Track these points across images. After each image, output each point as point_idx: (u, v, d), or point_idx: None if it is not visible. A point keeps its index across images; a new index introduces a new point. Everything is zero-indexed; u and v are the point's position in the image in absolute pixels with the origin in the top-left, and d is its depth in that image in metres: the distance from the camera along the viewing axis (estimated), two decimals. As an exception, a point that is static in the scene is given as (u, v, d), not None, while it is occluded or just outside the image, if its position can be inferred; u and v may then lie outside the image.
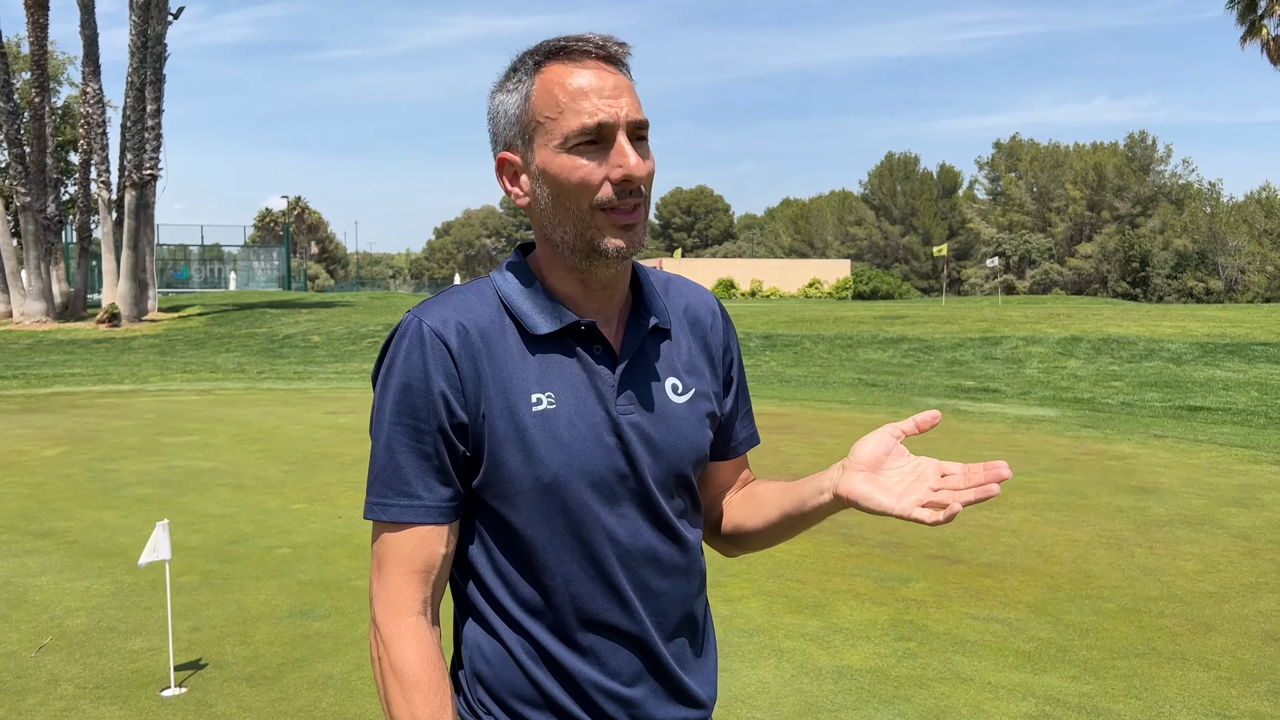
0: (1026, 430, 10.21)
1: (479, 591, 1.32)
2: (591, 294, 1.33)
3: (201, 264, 44.29)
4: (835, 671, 3.94)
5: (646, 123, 1.27)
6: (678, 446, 1.35)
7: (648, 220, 1.31)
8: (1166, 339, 17.84)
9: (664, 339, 1.38)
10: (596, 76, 1.24)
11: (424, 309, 1.30)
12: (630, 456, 1.30)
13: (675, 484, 1.36)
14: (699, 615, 1.42)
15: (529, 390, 1.27)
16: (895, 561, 5.45)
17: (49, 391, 14.26)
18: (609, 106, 1.23)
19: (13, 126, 25.95)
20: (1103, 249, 67.93)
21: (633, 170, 1.23)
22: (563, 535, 1.29)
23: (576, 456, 1.27)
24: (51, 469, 8.09)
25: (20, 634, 4.37)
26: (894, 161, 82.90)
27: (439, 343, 1.26)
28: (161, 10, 25.79)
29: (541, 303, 1.31)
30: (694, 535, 1.40)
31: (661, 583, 1.33)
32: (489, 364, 1.27)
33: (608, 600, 1.30)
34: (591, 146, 1.24)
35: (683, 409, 1.36)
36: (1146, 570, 5.28)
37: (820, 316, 24.94)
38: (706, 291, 1.49)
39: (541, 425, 1.26)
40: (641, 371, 1.35)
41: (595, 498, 1.29)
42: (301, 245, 75.25)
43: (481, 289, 1.33)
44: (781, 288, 54.40)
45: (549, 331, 1.30)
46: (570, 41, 1.27)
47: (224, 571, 5.27)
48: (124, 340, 22.50)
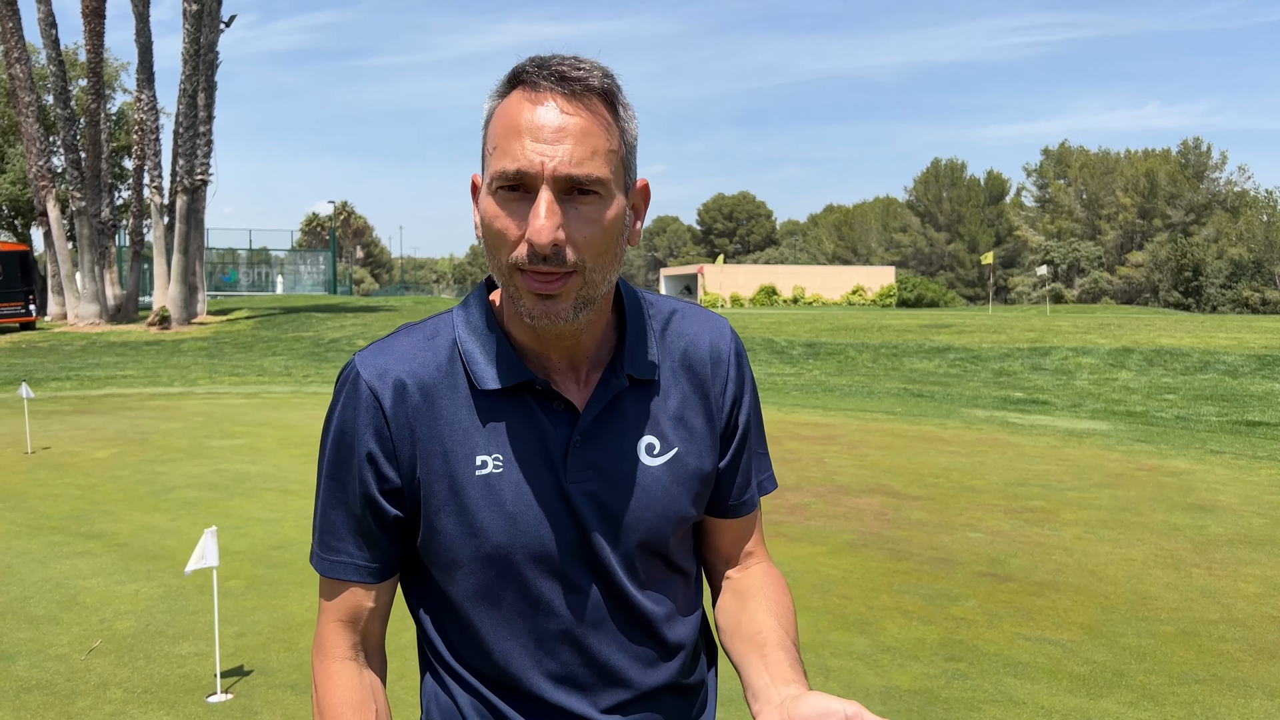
0: (1078, 444, 10.01)
1: (429, 648, 1.27)
2: (549, 344, 1.17)
3: (249, 267, 45.01)
4: (883, 692, 3.86)
5: (590, 179, 1.05)
6: (643, 516, 1.20)
7: (592, 290, 1.10)
8: (1222, 351, 17.42)
9: (648, 390, 1.22)
10: (543, 114, 1.05)
11: (366, 356, 1.18)
12: (581, 529, 1.17)
13: (641, 554, 1.21)
14: (685, 685, 1.28)
15: (474, 452, 1.15)
16: (944, 579, 5.34)
17: (101, 393, 14.55)
18: (537, 153, 1.04)
19: (69, 133, 26.58)
20: (1154, 257, 66.67)
21: (532, 236, 1.03)
22: (504, 610, 1.19)
23: (521, 527, 1.15)
24: (103, 470, 8.23)
25: (71, 636, 4.43)
26: (940, 168, 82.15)
27: (372, 399, 1.15)
28: (214, 19, 26.28)
29: (497, 352, 1.17)
30: (665, 606, 1.25)
31: (620, 659, 1.21)
32: (429, 423, 1.15)
33: (547, 677, 1.20)
34: (514, 195, 1.06)
35: (657, 472, 1.21)
36: (1206, 592, 5.12)
37: (864, 324, 24.72)
38: (719, 328, 1.29)
39: (484, 491, 1.15)
40: (609, 432, 1.19)
41: (541, 572, 1.17)
42: (347, 250, 76.18)
43: (438, 330, 1.21)
44: (824, 295, 54.08)
45: (501, 387, 1.16)
46: (534, 67, 1.08)
47: (269, 577, 5.30)
48: (174, 343, 22.91)
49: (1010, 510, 6.93)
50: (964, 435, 10.54)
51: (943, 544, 6.02)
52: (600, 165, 1.06)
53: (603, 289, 1.12)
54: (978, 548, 5.94)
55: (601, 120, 1.07)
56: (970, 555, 5.78)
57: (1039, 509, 6.98)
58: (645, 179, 1.18)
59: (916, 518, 6.62)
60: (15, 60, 25.86)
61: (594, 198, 1.07)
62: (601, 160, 1.06)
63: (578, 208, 1.06)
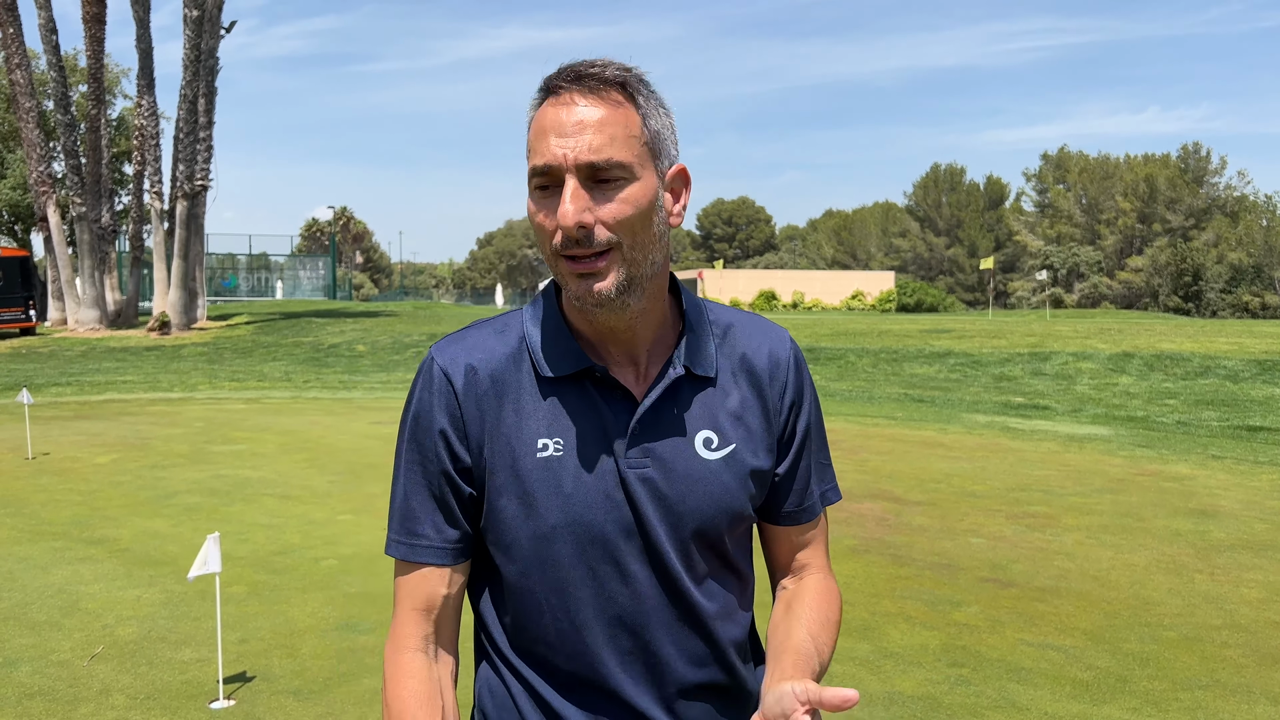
0: (1079, 449, 10.01)
1: (485, 635, 1.31)
2: (606, 334, 1.24)
3: (249, 273, 45.02)
4: (887, 698, 3.85)
5: (611, 163, 1.13)
6: (699, 506, 1.24)
7: (634, 269, 1.17)
8: (1223, 355, 17.42)
9: (707, 388, 1.27)
10: (565, 113, 1.14)
11: (440, 346, 1.28)
12: (638, 513, 1.22)
13: (697, 545, 1.25)
14: (730, 685, 1.31)
15: (536, 435, 1.22)
16: (946, 584, 5.34)
17: (102, 398, 14.54)
18: (558, 147, 1.13)
19: (70, 138, 26.60)
20: (1154, 262, 66.71)
21: (559, 220, 1.13)
22: (558, 591, 1.23)
23: (577, 509, 1.21)
24: (104, 476, 8.22)
25: (73, 642, 4.42)
26: (939, 173, 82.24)
27: (445, 382, 1.24)
28: (214, 24, 26.31)
29: (560, 343, 1.25)
30: (719, 602, 1.28)
31: (669, 649, 1.24)
32: (496, 407, 1.23)
33: (602, 662, 1.24)
34: (547, 189, 1.16)
35: (714, 466, 1.25)
36: (1208, 598, 5.12)
37: (864, 329, 24.72)
38: (779, 338, 1.34)
39: (544, 473, 1.21)
40: (667, 422, 1.24)
41: (596, 555, 1.22)
42: (347, 255, 76.20)
43: (507, 324, 1.29)
44: (824, 299, 54.08)
45: (563, 374, 1.23)
46: (559, 74, 1.18)
47: (271, 583, 5.30)
48: (174, 348, 22.91)
49: (1012, 516, 6.93)
50: (965, 440, 10.54)
51: (945, 549, 6.02)
52: (620, 150, 1.14)
53: (645, 268, 1.19)
54: (980, 553, 5.94)
55: (619, 109, 1.15)
56: (972, 561, 5.77)
57: (1041, 514, 6.98)
58: (683, 165, 1.24)
59: (918, 523, 6.62)
60: (16, 66, 25.89)
61: (619, 181, 1.14)
62: (621, 145, 1.14)
63: (605, 191, 1.14)
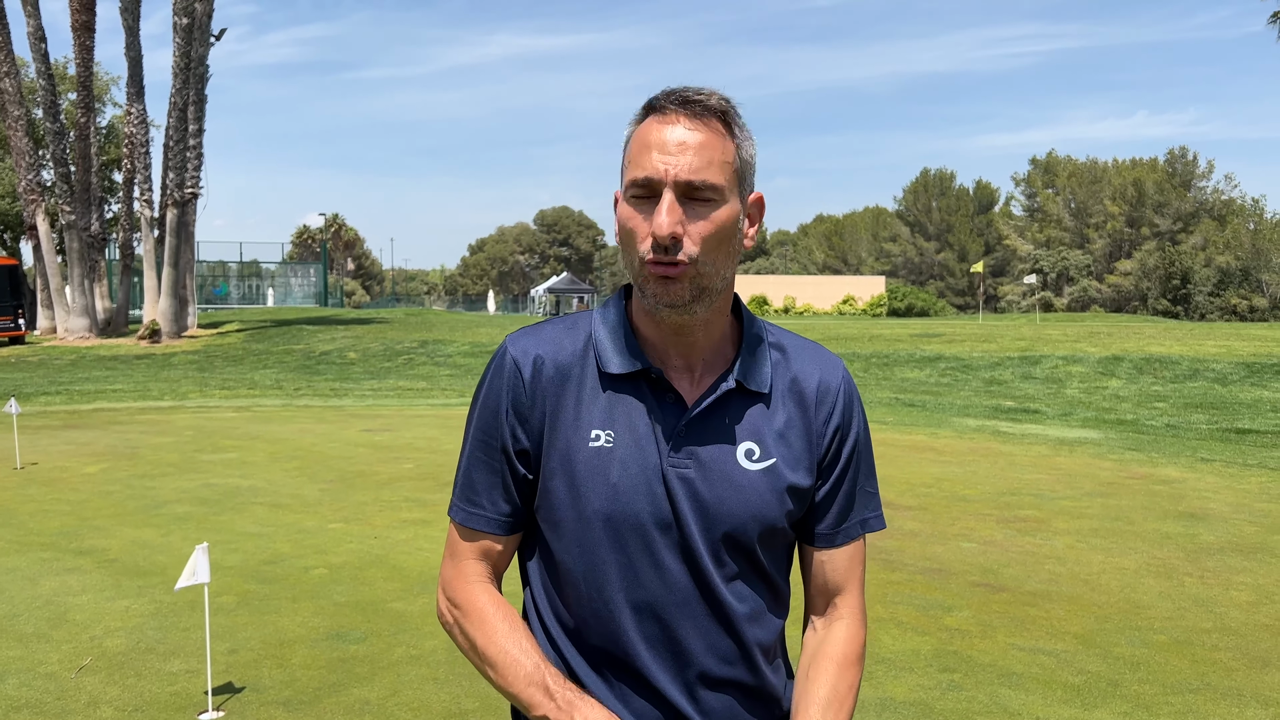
0: (1069, 452, 10.03)
1: (533, 604, 1.42)
2: (668, 339, 1.34)
3: (240, 280, 44.89)
4: (879, 704, 3.85)
5: (706, 184, 1.24)
6: (734, 512, 1.32)
7: (707, 281, 1.28)
8: (1211, 358, 17.50)
9: (757, 403, 1.36)
10: (670, 132, 1.25)
11: (514, 337, 1.39)
12: (675, 508, 1.30)
13: (728, 547, 1.33)
14: (753, 684, 1.37)
15: (591, 426, 1.32)
16: (937, 589, 5.35)
17: (91, 407, 14.47)
18: (662, 162, 1.24)
19: (59, 146, 26.50)
20: (1142, 266, 67.02)
21: (655, 229, 1.23)
22: (597, 571, 1.32)
23: (620, 498, 1.30)
24: (93, 486, 8.18)
25: (61, 654, 4.39)
26: (929, 178, 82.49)
27: (515, 370, 1.35)
28: (204, 32, 26.26)
29: (622, 343, 1.35)
30: (748, 605, 1.35)
31: (696, 642, 1.32)
32: (558, 397, 1.33)
33: (630, 644, 1.32)
34: (644, 199, 1.26)
35: (753, 476, 1.33)
36: (1198, 601, 5.13)
37: (855, 334, 24.77)
38: (833, 365, 1.43)
39: (594, 461, 1.31)
40: (713, 429, 1.33)
41: (634, 543, 1.31)
42: (338, 262, 76.09)
43: (578, 323, 1.40)
44: (815, 304, 54.19)
45: (622, 372, 1.33)
46: (663, 96, 1.28)
47: (261, 592, 5.27)
48: (164, 356, 22.82)
49: (1002, 520, 6.94)
50: (955, 444, 10.56)
51: (936, 554, 6.02)
52: (715, 173, 1.25)
53: (717, 282, 1.29)
54: (971, 558, 5.95)
55: (718, 136, 1.27)
56: (963, 565, 5.78)
57: (1031, 518, 6.99)
58: (760, 193, 1.37)
59: (909, 528, 6.63)
60: (4, 74, 25.79)
61: (709, 202, 1.25)
62: (716, 169, 1.25)
63: (695, 209, 1.25)
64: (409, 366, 21.22)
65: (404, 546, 6.18)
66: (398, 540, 6.35)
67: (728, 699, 1.34)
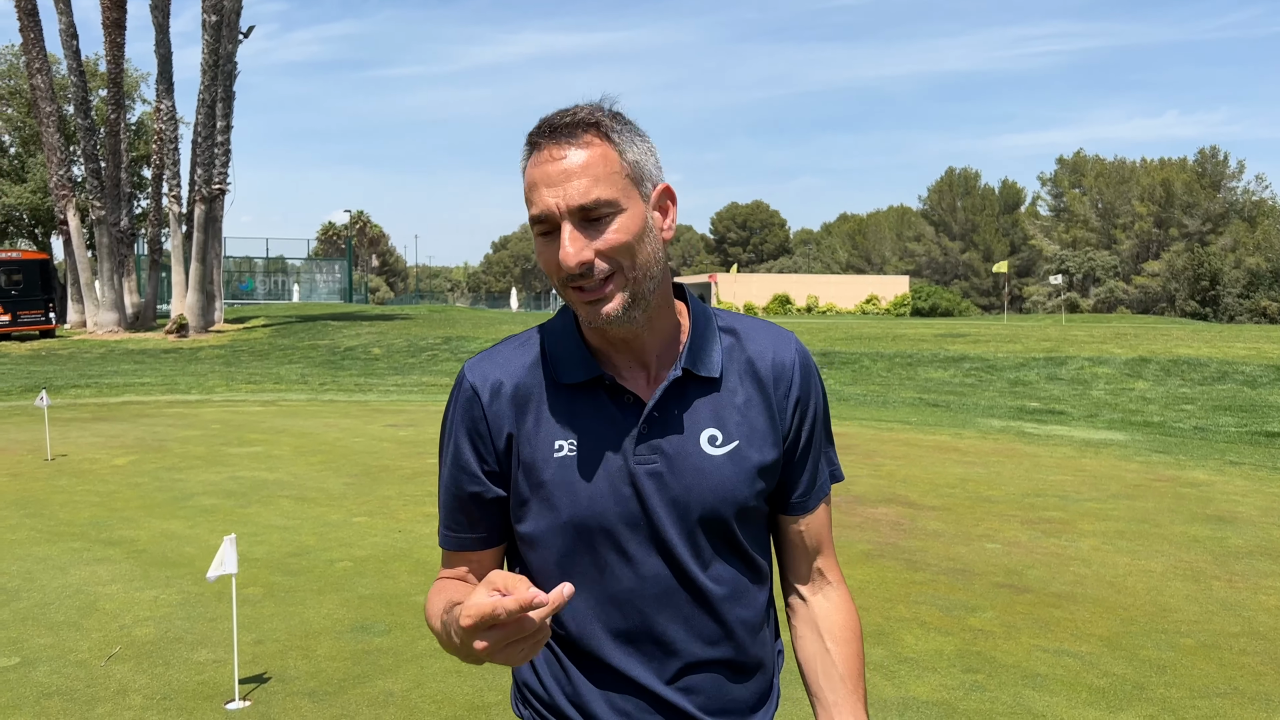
0: (1094, 454, 9.95)
1: None
2: (618, 344, 1.36)
3: (266, 276, 45.25)
4: (901, 703, 3.84)
5: (598, 202, 1.24)
6: (702, 498, 1.34)
7: (636, 288, 1.29)
8: (1240, 361, 17.29)
9: (712, 389, 1.37)
10: (549, 165, 1.25)
11: (472, 364, 1.41)
12: (645, 506, 1.33)
13: (705, 532, 1.36)
14: (742, 664, 1.41)
15: (554, 438, 1.35)
16: (961, 589, 5.32)
17: (120, 400, 14.64)
18: (550, 198, 1.25)
19: (90, 142, 26.81)
20: (1171, 267, 66.27)
21: (562, 261, 1.25)
22: (577, 578, 1.34)
23: (590, 503, 1.33)
24: (122, 478, 8.28)
25: (91, 642, 4.46)
26: (954, 177, 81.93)
27: (474, 396, 1.37)
28: (233, 30, 26.49)
29: (574, 353, 1.37)
30: (728, 586, 1.38)
31: (678, 630, 1.35)
32: (519, 415, 1.36)
33: (605, 642, 1.35)
34: (549, 234, 1.28)
35: (719, 460, 1.35)
36: (1226, 605, 5.08)
37: (878, 334, 24.65)
38: (786, 342, 1.44)
39: (560, 471, 1.34)
40: (674, 421, 1.35)
41: (609, 544, 1.34)
42: (363, 258, 76.50)
43: (529, 340, 1.42)
44: (838, 304, 53.95)
45: (576, 382, 1.35)
46: (538, 130, 1.29)
47: (287, 584, 5.32)
48: (191, 351, 23.05)
49: (1027, 521, 6.89)
50: (980, 445, 10.50)
51: (959, 554, 5.99)
52: (604, 188, 1.25)
53: (646, 285, 1.30)
54: (995, 558, 5.92)
55: (596, 149, 1.26)
56: (987, 566, 5.75)
57: (1056, 520, 6.94)
58: (667, 183, 1.35)
59: (933, 528, 6.60)
60: (37, 71, 26.12)
61: (609, 216, 1.25)
62: (605, 184, 1.25)
63: (598, 227, 1.25)
64: (433, 362, 21.33)
65: (428, 540, 6.21)
66: (421, 534, 6.39)
67: (714, 676, 1.37)
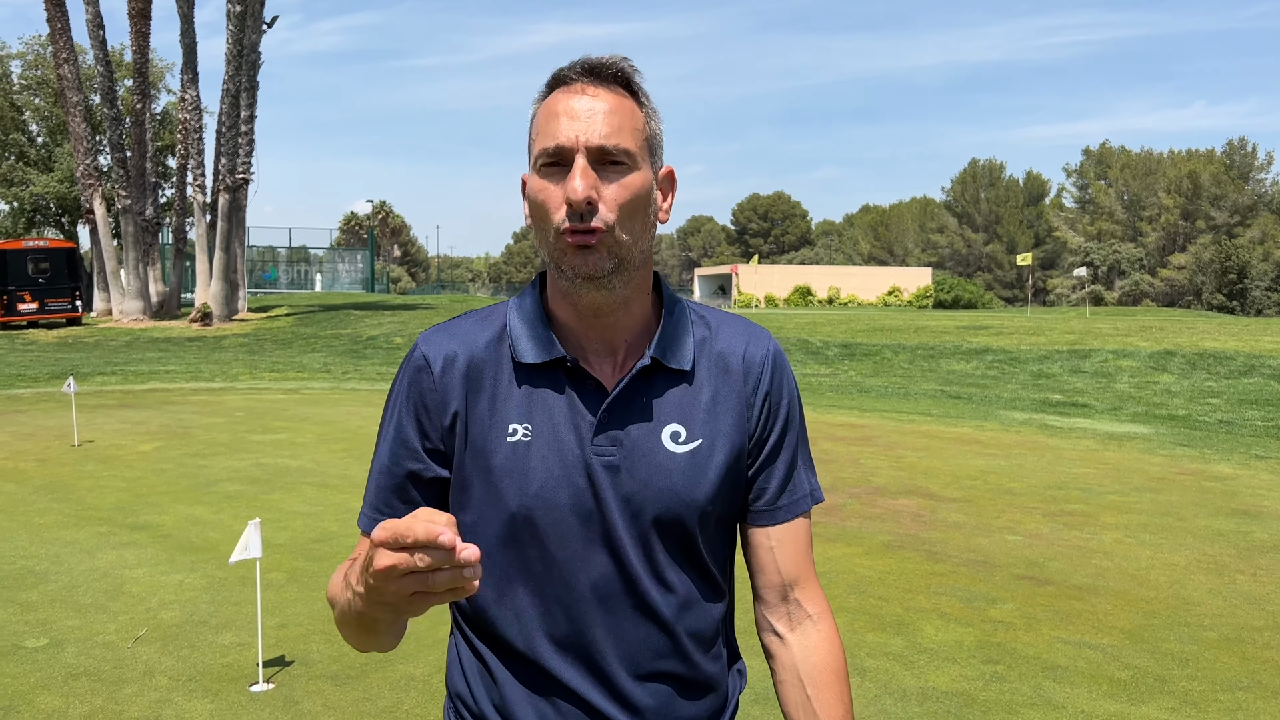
0: (1118, 447, 9.88)
1: (456, 607, 1.33)
2: (587, 322, 1.27)
3: (289, 265, 45.52)
4: (920, 693, 3.84)
5: (619, 149, 1.20)
6: (659, 498, 1.24)
7: (625, 252, 1.22)
8: (1267, 355, 17.10)
9: (681, 382, 1.29)
10: (577, 100, 1.21)
11: (426, 335, 1.32)
12: (599, 499, 1.24)
13: (660, 534, 1.26)
14: (687, 674, 1.29)
15: (509, 421, 1.26)
16: (982, 581, 5.31)
17: (145, 388, 14.80)
18: (570, 129, 1.19)
19: (115, 132, 27.04)
20: (1197, 260, 65.52)
21: (569, 194, 1.18)
22: (520, 571, 1.26)
23: (541, 492, 1.23)
24: (147, 464, 8.38)
25: (118, 625, 4.52)
26: (978, 168, 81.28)
27: (425, 367, 1.29)
28: (257, 19, 26.62)
29: (537, 332, 1.28)
30: (679, 594, 1.27)
31: (622, 636, 1.25)
32: (473, 392, 1.27)
33: (553, 647, 1.25)
34: (555, 169, 1.21)
35: (681, 459, 1.26)
36: (1250, 598, 5.04)
37: (901, 325, 24.53)
38: (760, 339, 1.35)
39: (511, 457, 1.25)
40: (636, 413, 1.26)
41: (556, 538, 1.24)
42: (384, 248, 76.83)
43: (492, 315, 1.33)
44: (860, 295, 53.71)
45: (537, 362, 1.27)
46: (570, 67, 1.25)
47: (310, 569, 5.38)
48: (215, 339, 23.25)
49: (1049, 513, 6.86)
50: (1002, 437, 10.45)
51: (980, 546, 5.98)
52: (628, 139, 1.21)
53: (635, 254, 1.24)
54: (1016, 550, 5.89)
55: (627, 102, 1.23)
56: (1008, 558, 5.73)
57: (1078, 512, 6.90)
58: (670, 167, 1.32)
59: (954, 520, 6.57)
60: (63, 60, 26.36)
61: (623, 167, 1.21)
62: (629, 134, 1.22)
63: (609, 174, 1.21)
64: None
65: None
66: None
67: (663, 689, 1.27)
